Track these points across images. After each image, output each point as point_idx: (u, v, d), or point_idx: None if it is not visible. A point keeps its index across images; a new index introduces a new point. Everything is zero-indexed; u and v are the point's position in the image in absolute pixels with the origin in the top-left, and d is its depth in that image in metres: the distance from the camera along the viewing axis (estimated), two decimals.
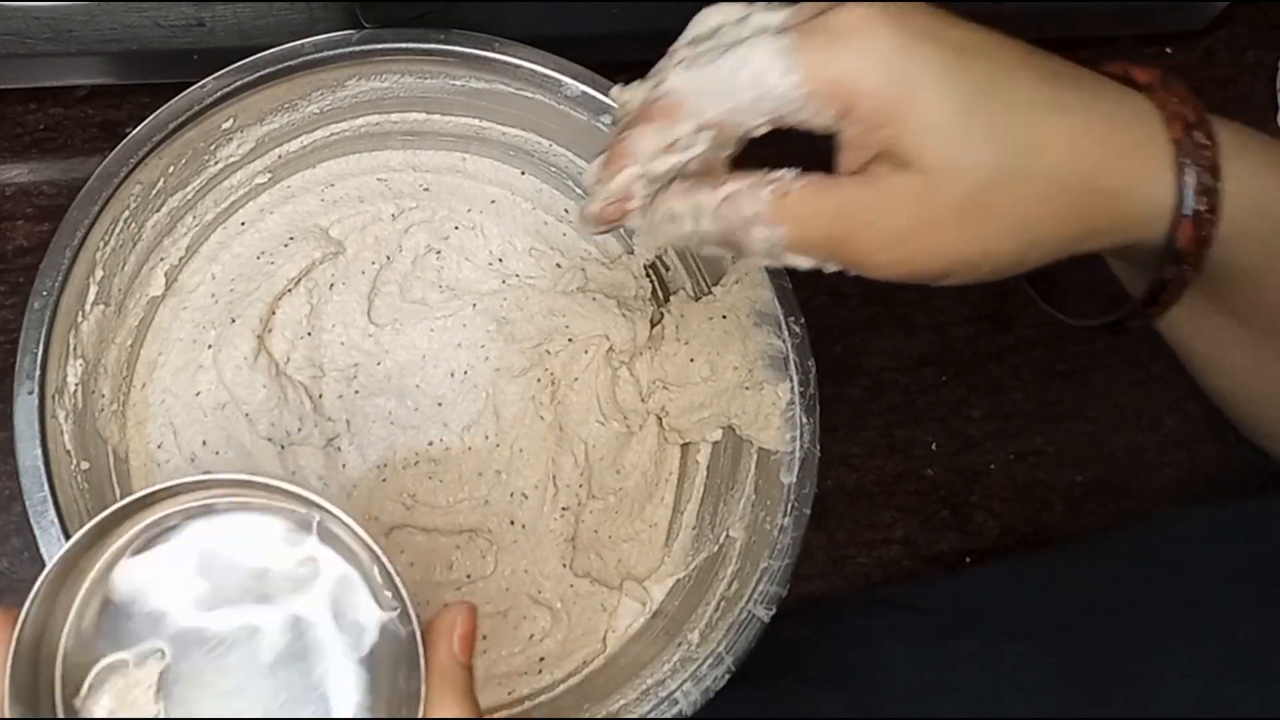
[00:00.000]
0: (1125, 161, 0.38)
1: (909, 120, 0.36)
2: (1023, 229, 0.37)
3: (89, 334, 0.50)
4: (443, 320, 0.56)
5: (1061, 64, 0.39)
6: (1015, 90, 0.37)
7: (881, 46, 0.35)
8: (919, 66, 0.35)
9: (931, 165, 0.36)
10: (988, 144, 0.36)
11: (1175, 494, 0.64)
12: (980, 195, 0.36)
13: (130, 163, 0.49)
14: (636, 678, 0.50)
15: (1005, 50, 0.38)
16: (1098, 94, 0.39)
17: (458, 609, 0.39)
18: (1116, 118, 0.38)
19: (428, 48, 0.52)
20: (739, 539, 0.53)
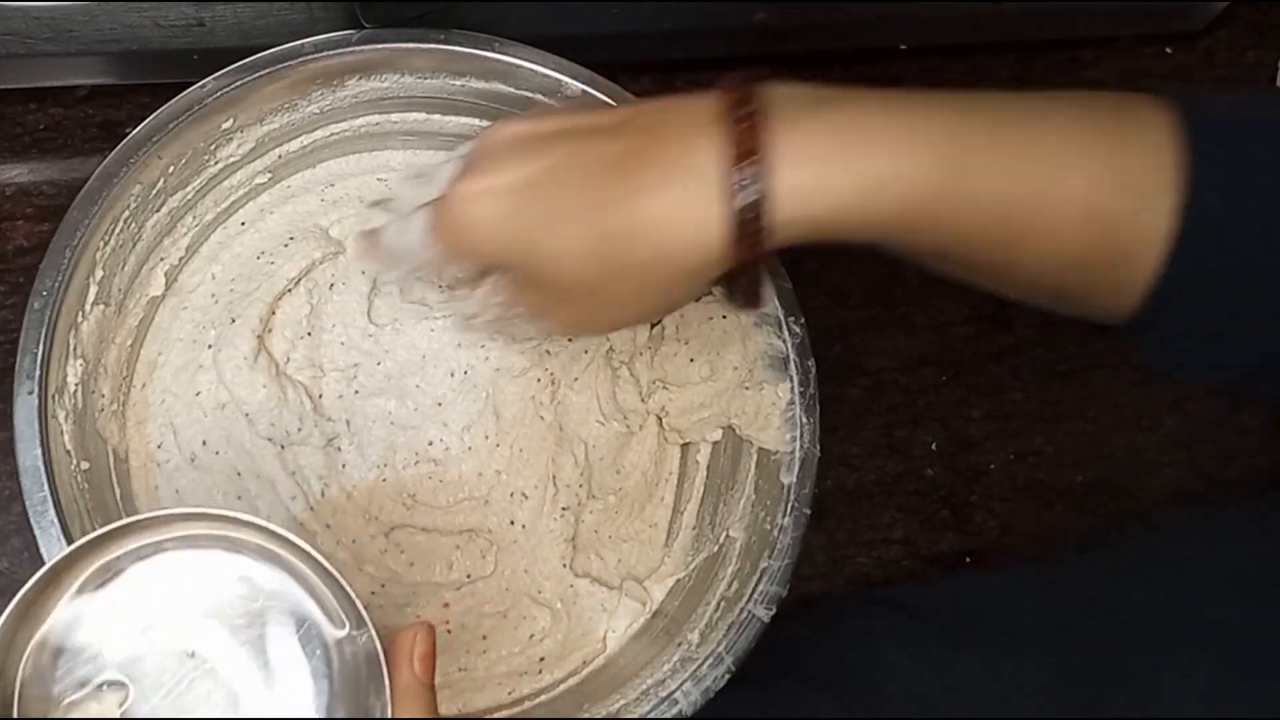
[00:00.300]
0: (683, 221, 0.41)
1: (512, 267, 0.45)
2: (636, 300, 0.44)
3: (89, 334, 0.50)
4: (443, 320, 0.56)
5: (623, 140, 0.42)
6: (574, 205, 0.42)
7: (470, 218, 0.43)
8: (499, 224, 0.43)
9: (544, 283, 0.44)
10: (566, 263, 0.42)
11: (1175, 494, 0.64)
12: (590, 291, 0.43)
13: (130, 163, 0.49)
14: (636, 678, 0.50)
15: (569, 169, 0.42)
16: (648, 162, 0.41)
17: (416, 629, 0.41)
18: (664, 183, 0.41)
19: (428, 48, 0.52)
20: (739, 539, 0.53)
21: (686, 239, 0.41)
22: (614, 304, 0.44)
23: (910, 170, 0.40)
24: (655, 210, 0.41)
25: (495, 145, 0.44)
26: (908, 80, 0.67)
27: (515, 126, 0.44)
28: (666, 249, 0.41)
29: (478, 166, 0.44)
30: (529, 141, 0.44)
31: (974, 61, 0.67)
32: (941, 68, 0.67)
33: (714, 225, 0.40)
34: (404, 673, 0.40)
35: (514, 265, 0.44)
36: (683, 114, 0.42)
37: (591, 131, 0.43)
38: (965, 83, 0.67)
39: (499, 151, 0.44)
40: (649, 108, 0.44)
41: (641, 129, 0.43)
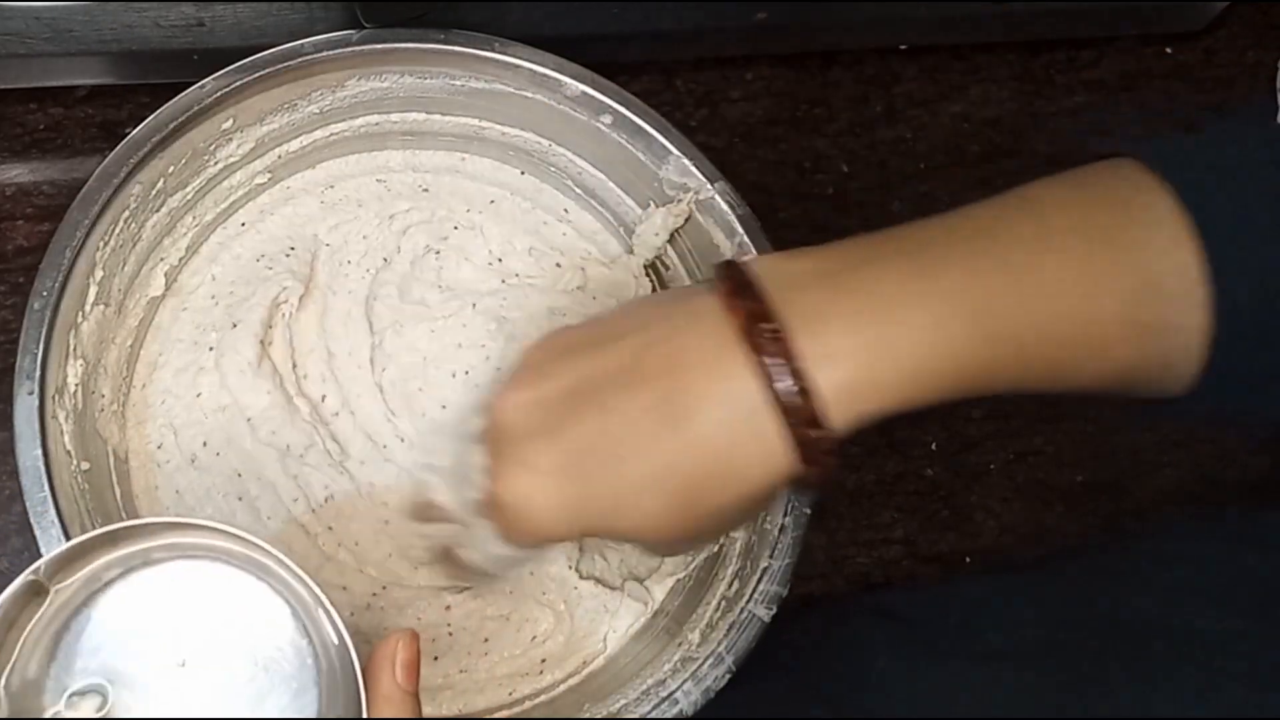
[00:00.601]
0: (748, 458, 0.40)
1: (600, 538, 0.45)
2: (734, 521, 0.45)
3: (89, 334, 0.50)
4: (443, 321, 0.56)
5: (650, 388, 0.40)
6: (627, 476, 0.40)
7: (530, 520, 0.41)
8: (560, 515, 0.41)
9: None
10: (647, 530, 0.41)
11: (1175, 494, 0.64)
12: (683, 537, 0.42)
13: (130, 163, 0.49)
14: (637, 678, 0.50)
15: (603, 440, 0.40)
16: (690, 408, 0.39)
17: (399, 636, 0.40)
18: (716, 425, 0.39)
19: (428, 48, 0.52)
20: (739, 539, 0.53)
21: (760, 471, 0.40)
22: (712, 532, 0.47)
23: (947, 344, 0.39)
24: (721, 452, 0.39)
25: (511, 424, 0.42)
26: (907, 80, 0.67)
27: (518, 396, 0.42)
28: (744, 486, 0.40)
29: (505, 455, 0.42)
30: (546, 413, 0.41)
31: (974, 61, 0.67)
32: (941, 68, 0.67)
33: (781, 451, 0.39)
34: (384, 680, 0.40)
35: (601, 536, 0.45)
36: (701, 344, 0.40)
37: (606, 382, 0.41)
38: (965, 83, 0.67)
39: (518, 430, 0.41)
40: (652, 338, 0.41)
41: (661, 373, 0.40)
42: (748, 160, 0.64)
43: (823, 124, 0.66)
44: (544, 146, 0.57)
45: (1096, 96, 0.68)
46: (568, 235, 0.58)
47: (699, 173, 0.52)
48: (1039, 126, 0.67)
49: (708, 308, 0.40)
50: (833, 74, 0.66)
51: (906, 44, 0.66)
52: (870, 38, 0.66)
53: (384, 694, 0.40)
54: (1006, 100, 0.67)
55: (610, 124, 0.53)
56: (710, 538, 0.48)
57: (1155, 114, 0.68)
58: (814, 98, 0.66)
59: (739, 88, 0.65)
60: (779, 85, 0.66)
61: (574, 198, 0.58)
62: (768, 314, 0.39)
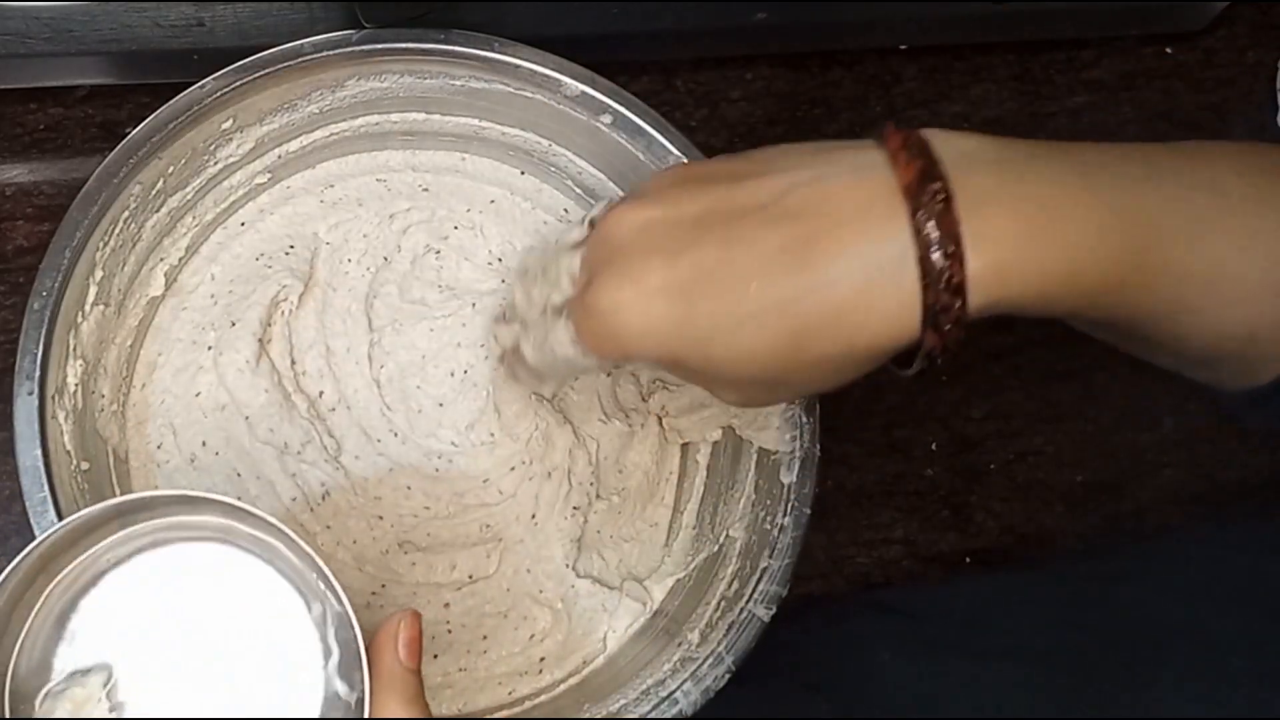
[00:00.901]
0: (873, 310, 0.39)
1: (684, 366, 0.42)
2: (825, 379, 0.42)
3: (89, 334, 0.50)
4: (442, 320, 0.56)
5: (791, 225, 0.39)
6: (745, 305, 0.39)
7: (625, 328, 0.41)
8: (659, 332, 0.40)
9: (722, 380, 0.42)
10: (744, 364, 0.40)
11: (1175, 494, 0.64)
12: (772, 382, 0.41)
13: (130, 163, 0.49)
14: (636, 678, 0.50)
15: (728, 264, 0.39)
16: (832, 249, 0.39)
17: (401, 615, 0.41)
18: (853, 271, 0.38)
19: (428, 48, 0.52)
20: (739, 539, 0.53)
21: (880, 329, 0.39)
22: (793, 387, 0.44)
23: (1103, 251, 0.39)
24: (846, 302, 0.39)
25: (626, 239, 0.41)
26: (907, 80, 0.67)
27: (639, 213, 0.41)
28: (859, 339, 0.39)
29: (613, 265, 0.41)
30: (667, 233, 0.40)
31: (974, 61, 0.67)
32: (941, 68, 0.67)
33: (910, 313, 0.38)
34: (387, 658, 0.40)
35: (682, 365, 0.42)
36: (855, 190, 0.39)
37: (740, 215, 0.40)
38: (965, 83, 0.67)
39: (633, 246, 0.41)
40: (799, 179, 0.40)
41: (806, 213, 0.39)
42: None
43: (823, 124, 0.66)
44: (544, 146, 0.57)
45: (1096, 96, 0.68)
46: None
47: None
48: (1039, 126, 0.67)
49: (870, 160, 0.40)
50: (833, 74, 0.66)
51: (906, 44, 0.66)
52: (870, 38, 0.66)
53: (387, 671, 0.40)
54: (1006, 100, 0.67)
55: (610, 124, 0.53)
56: (791, 392, 0.45)
57: (1155, 114, 0.68)
58: (814, 98, 0.66)
59: (739, 88, 0.65)
60: (779, 85, 0.66)
61: (574, 198, 0.58)
62: (938, 175, 0.38)
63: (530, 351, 0.46)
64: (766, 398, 0.44)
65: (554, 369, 0.45)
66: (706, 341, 0.40)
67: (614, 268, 0.41)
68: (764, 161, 0.42)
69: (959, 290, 0.38)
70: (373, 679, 0.39)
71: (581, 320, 0.42)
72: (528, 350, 0.46)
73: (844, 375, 0.41)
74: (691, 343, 0.40)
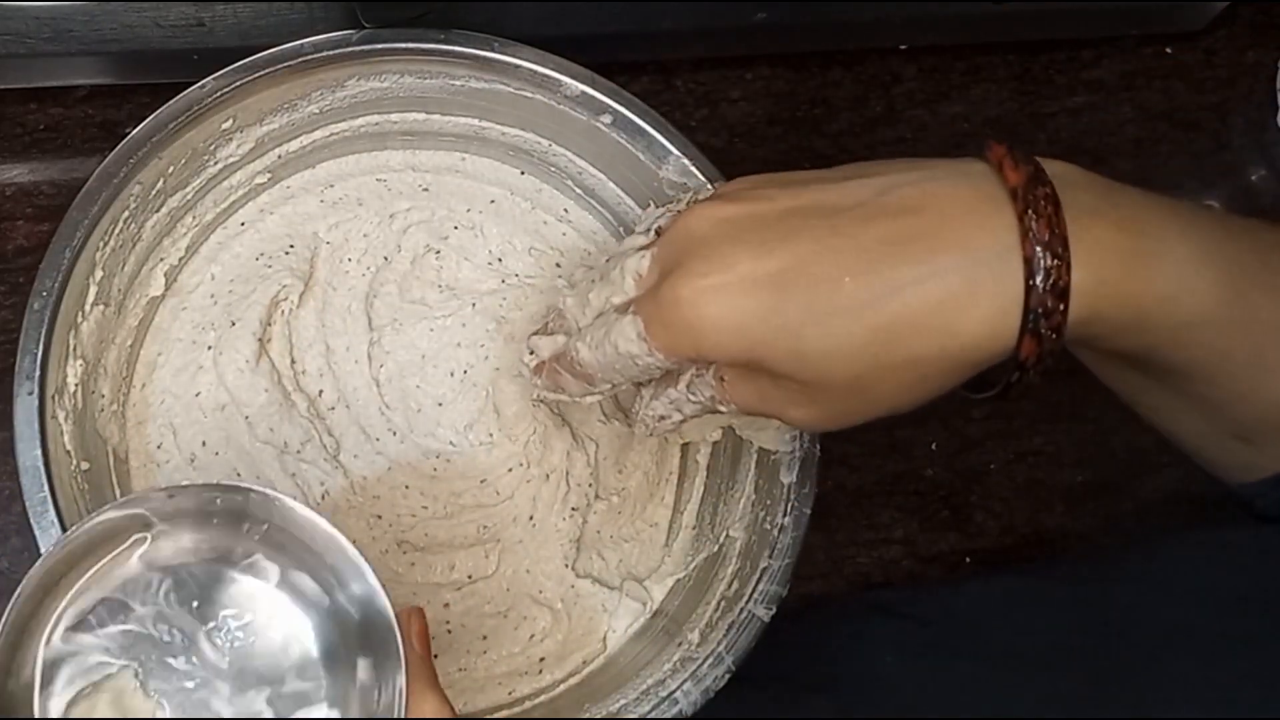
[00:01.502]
0: (973, 310, 0.38)
1: (762, 363, 0.40)
2: (906, 390, 0.40)
3: (89, 334, 0.50)
4: (442, 320, 0.56)
5: (892, 220, 0.39)
6: (840, 297, 0.38)
7: (703, 320, 0.39)
8: (743, 323, 0.39)
9: (799, 380, 0.40)
10: (833, 360, 0.39)
11: (1175, 494, 0.64)
12: (854, 386, 0.40)
13: (130, 163, 0.49)
14: (636, 678, 0.50)
15: (824, 256, 0.39)
16: (935, 246, 0.38)
17: (408, 611, 0.41)
18: (955, 268, 0.38)
19: (428, 48, 0.52)
20: (739, 539, 0.53)
21: (977, 330, 0.38)
22: (876, 398, 0.41)
23: (1197, 283, 0.39)
24: (945, 300, 0.38)
25: (707, 232, 0.40)
26: (907, 80, 0.67)
27: (720, 210, 0.41)
28: (953, 341, 0.38)
29: (695, 256, 0.40)
30: (755, 227, 0.40)
31: (974, 61, 0.67)
32: (941, 68, 0.67)
33: (1010, 317, 0.37)
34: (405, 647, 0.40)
35: (764, 364, 0.40)
36: (959, 190, 0.39)
37: (835, 211, 0.39)
38: (965, 83, 0.67)
39: (717, 238, 0.40)
40: (899, 180, 0.40)
41: (908, 210, 0.39)
42: (748, 160, 0.64)
43: (823, 124, 0.66)
44: (544, 146, 0.57)
45: (1096, 96, 0.68)
46: (568, 235, 0.58)
47: (699, 173, 0.52)
48: (1039, 126, 0.67)
49: (972, 167, 0.40)
50: (833, 74, 0.66)
51: (906, 44, 0.66)
52: (870, 38, 0.66)
53: (412, 659, 0.40)
54: (1006, 100, 0.67)
55: (610, 124, 0.53)
56: (870, 403, 0.41)
57: (1155, 114, 0.68)
58: (814, 98, 0.66)
59: (739, 88, 0.65)
60: (779, 85, 0.66)
61: (574, 198, 0.58)
62: (1047, 181, 0.38)
63: (586, 351, 0.44)
64: (842, 407, 0.41)
65: (610, 368, 0.44)
66: (795, 335, 0.39)
67: (696, 259, 0.40)
68: (852, 169, 0.42)
69: (1063, 294, 0.37)
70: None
71: (653, 313, 0.41)
72: (583, 350, 0.44)
73: (927, 386, 0.40)
74: (779, 334, 0.39)
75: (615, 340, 0.42)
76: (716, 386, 0.44)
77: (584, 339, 0.44)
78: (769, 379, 0.41)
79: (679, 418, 0.46)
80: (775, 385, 0.41)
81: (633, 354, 0.42)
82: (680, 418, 0.46)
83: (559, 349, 0.46)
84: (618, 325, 0.42)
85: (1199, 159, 0.68)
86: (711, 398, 0.44)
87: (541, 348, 0.47)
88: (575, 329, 0.46)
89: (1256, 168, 0.67)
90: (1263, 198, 0.67)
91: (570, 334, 0.46)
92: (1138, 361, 0.42)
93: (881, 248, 0.38)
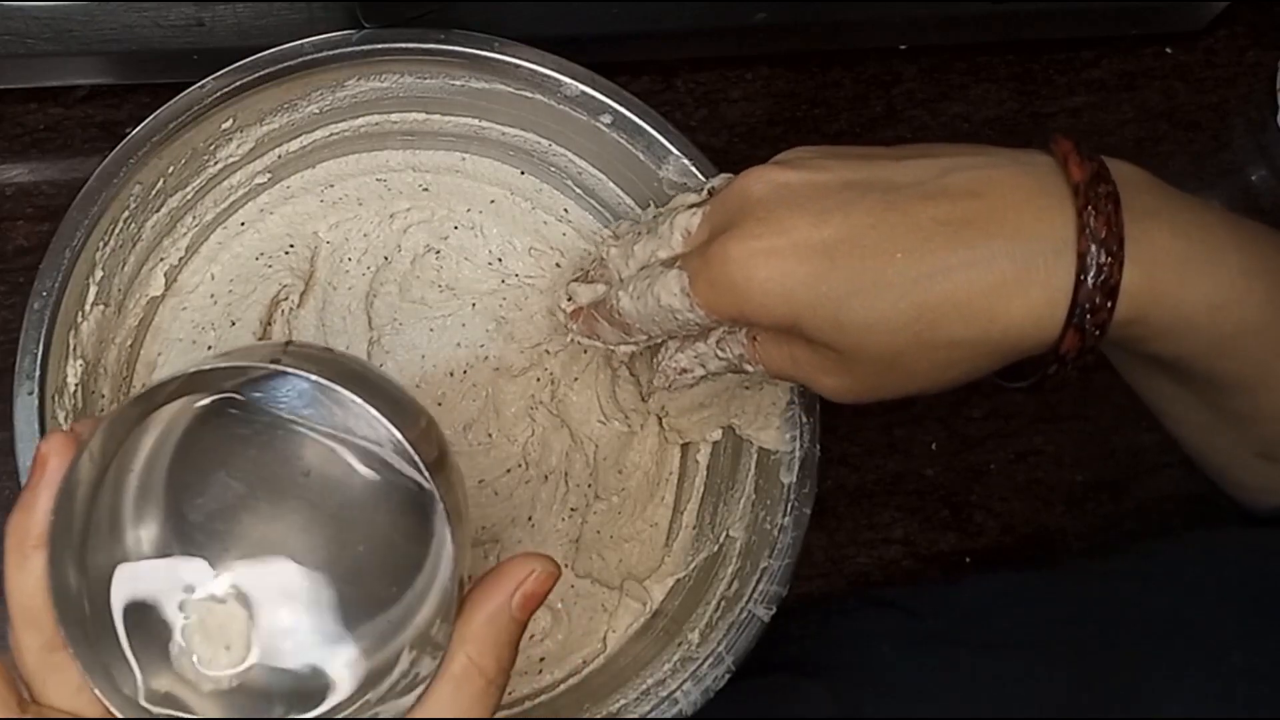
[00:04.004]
0: (1020, 298, 0.38)
1: (802, 329, 0.40)
2: (939, 370, 0.41)
3: (89, 334, 0.50)
4: (442, 320, 0.56)
5: (950, 202, 0.39)
6: (890, 271, 0.38)
7: (751, 281, 0.39)
8: (790, 288, 0.39)
9: (837, 350, 0.40)
10: (875, 333, 0.39)
11: (1175, 494, 0.64)
12: (890, 362, 0.40)
13: (130, 163, 0.49)
14: (636, 678, 0.50)
15: (878, 229, 0.39)
16: (990, 230, 0.38)
17: (537, 564, 0.36)
18: (1008, 255, 0.38)
19: (428, 48, 0.52)
20: (739, 539, 0.53)
21: (1022, 318, 0.38)
22: (909, 376, 0.41)
23: (1246, 297, 0.39)
24: (993, 285, 0.38)
25: (766, 195, 0.40)
26: (907, 80, 0.67)
27: (779, 174, 0.41)
28: (995, 326, 0.38)
29: (752, 217, 0.40)
30: (814, 195, 0.40)
31: (974, 61, 0.67)
32: (941, 68, 0.67)
33: (1056, 309, 0.38)
34: (499, 596, 0.36)
35: (804, 330, 0.40)
36: (1021, 179, 0.39)
37: (893, 188, 0.39)
38: (965, 83, 0.67)
39: (775, 201, 0.40)
40: (961, 164, 0.40)
41: (968, 193, 0.39)
42: (748, 160, 0.63)
43: (823, 124, 0.66)
44: (544, 146, 0.57)
45: (1096, 96, 0.68)
46: (567, 235, 0.58)
47: (699, 173, 0.52)
48: (1039, 126, 0.67)
49: (1035, 159, 0.40)
50: (833, 74, 0.66)
51: (906, 44, 0.66)
52: (870, 38, 0.66)
53: (493, 609, 0.36)
54: (1006, 100, 0.67)
55: (610, 124, 0.53)
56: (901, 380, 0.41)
57: (1155, 114, 0.68)
58: (814, 98, 0.66)
59: (739, 88, 0.65)
60: (779, 85, 0.66)
61: (574, 198, 0.58)
62: (1110, 179, 0.38)
63: (628, 301, 0.44)
64: (874, 381, 0.41)
65: (649, 320, 0.44)
66: (840, 302, 0.39)
67: (751, 221, 0.40)
68: (913, 149, 0.42)
69: (1112, 292, 0.37)
70: (476, 613, 0.36)
71: (701, 269, 0.41)
72: (624, 300, 0.45)
73: (961, 369, 0.40)
74: (824, 300, 0.39)
75: (658, 293, 0.43)
76: (747, 346, 0.44)
77: (626, 289, 0.45)
78: (804, 345, 0.41)
79: (701, 373, 0.47)
80: (810, 352, 0.41)
81: (674, 308, 0.42)
82: (702, 373, 0.47)
83: (598, 297, 0.47)
84: (662, 278, 0.42)
85: (1199, 159, 0.68)
86: (740, 356, 0.44)
87: (580, 294, 0.48)
88: (617, 279, 0.46)
89: (1256, 168, 0.67)
90: (1263, 198, 0.67)
91: (610, 284, 0.46)
92: (1174, 368, 0.42)
93: (936, 227, 0.38)
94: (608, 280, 0.47)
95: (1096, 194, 0.38)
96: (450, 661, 0.35)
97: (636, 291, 0.44)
